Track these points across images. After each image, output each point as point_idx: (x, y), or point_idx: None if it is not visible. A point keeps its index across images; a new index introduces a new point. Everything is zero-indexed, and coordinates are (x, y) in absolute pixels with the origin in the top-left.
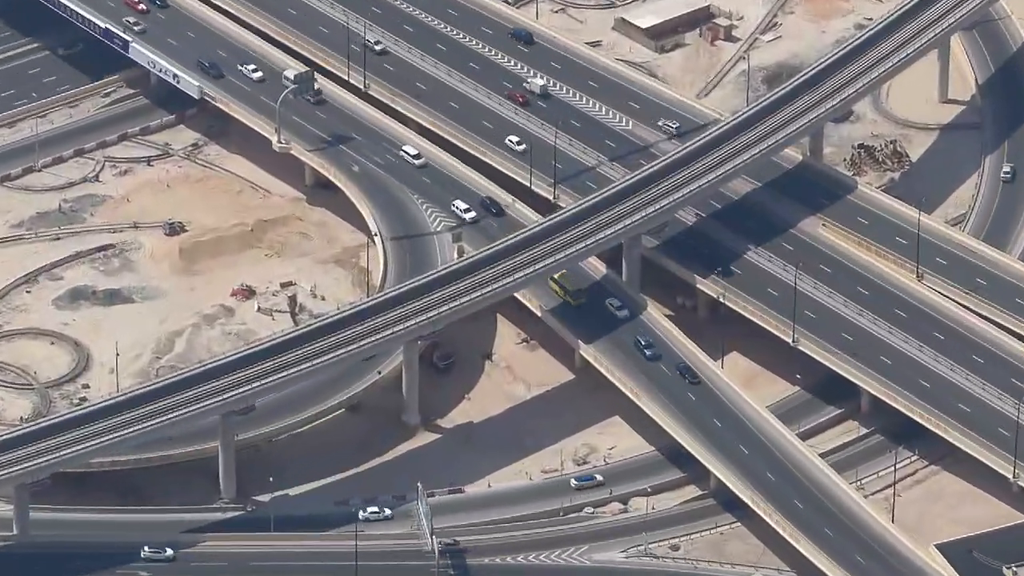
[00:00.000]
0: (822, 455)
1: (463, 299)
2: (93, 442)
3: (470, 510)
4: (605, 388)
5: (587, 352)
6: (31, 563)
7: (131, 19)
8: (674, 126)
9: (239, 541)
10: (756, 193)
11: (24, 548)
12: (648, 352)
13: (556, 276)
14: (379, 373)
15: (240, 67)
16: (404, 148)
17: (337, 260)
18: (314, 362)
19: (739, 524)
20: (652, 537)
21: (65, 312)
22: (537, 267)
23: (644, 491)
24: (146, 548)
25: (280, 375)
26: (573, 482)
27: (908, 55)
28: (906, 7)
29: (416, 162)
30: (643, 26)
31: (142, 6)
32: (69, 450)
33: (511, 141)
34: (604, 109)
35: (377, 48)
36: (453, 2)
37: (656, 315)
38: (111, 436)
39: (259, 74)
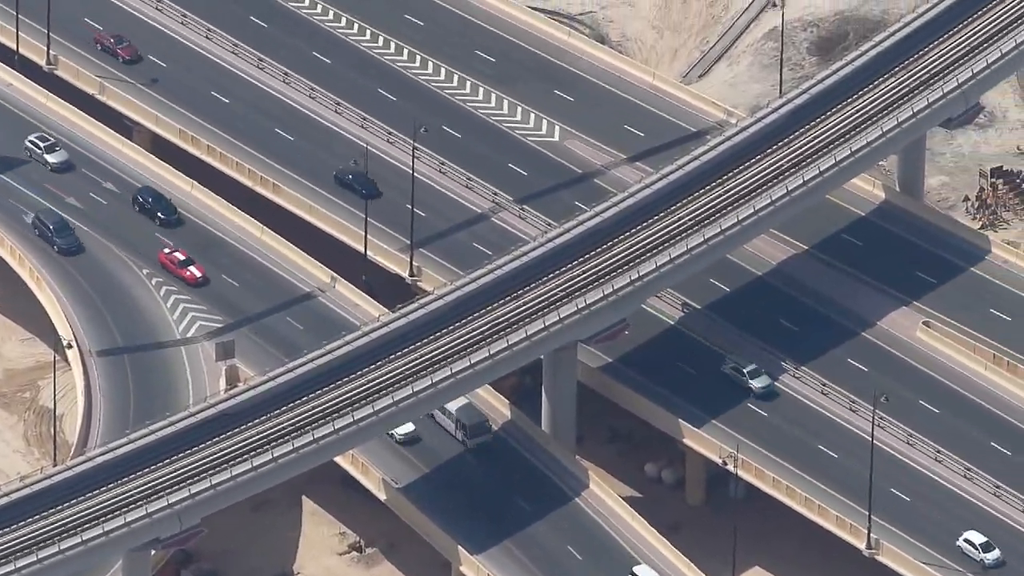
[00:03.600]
0: None
1: (239, 474)
2: None
3: None
4: None
5: (474, 568)
6: None
7: None
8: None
9: None
10: (798, 263)
11: None
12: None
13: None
14: None
15: None
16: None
17: None
18: None
19: None
20: None
21: None
22: (379, 409)
23: None
24: None
25: None
26: None
27: None
28: None
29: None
30: None
31: None
32: None
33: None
34: (509, 106)
35: None
36: None
37: (604, 497)
38: None
39: None
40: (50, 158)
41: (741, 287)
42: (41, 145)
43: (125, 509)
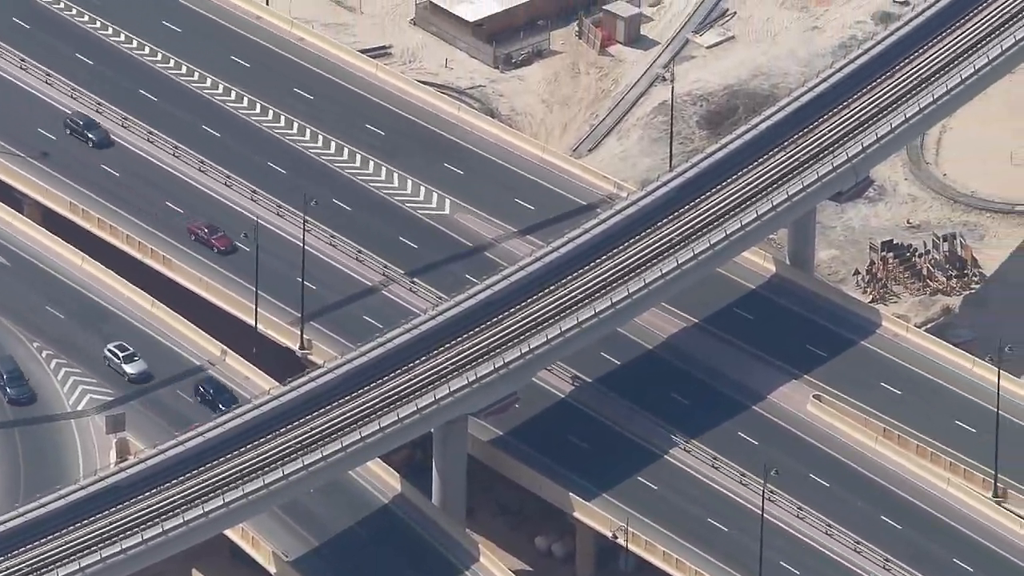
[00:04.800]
0: None
1: (129, 547)
2: None
3: None
4: None
5: None
6: None
7: None
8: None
9: None
10: (688, 337)
11: None
12: None
13: None
14: None
15: None
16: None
17: None
18: None
19: None
20: None
21: None
22: (270, 483)
23: None
24: None
25: None
26: None
27: (977, 74)
28: None
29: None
30: (470, 18)
31: None
32: None
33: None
34: (399, 179)
35: None
36: None
37: (494, 570)
38: None
39: None
40: None
41: (632, 360)
42: None
43: None
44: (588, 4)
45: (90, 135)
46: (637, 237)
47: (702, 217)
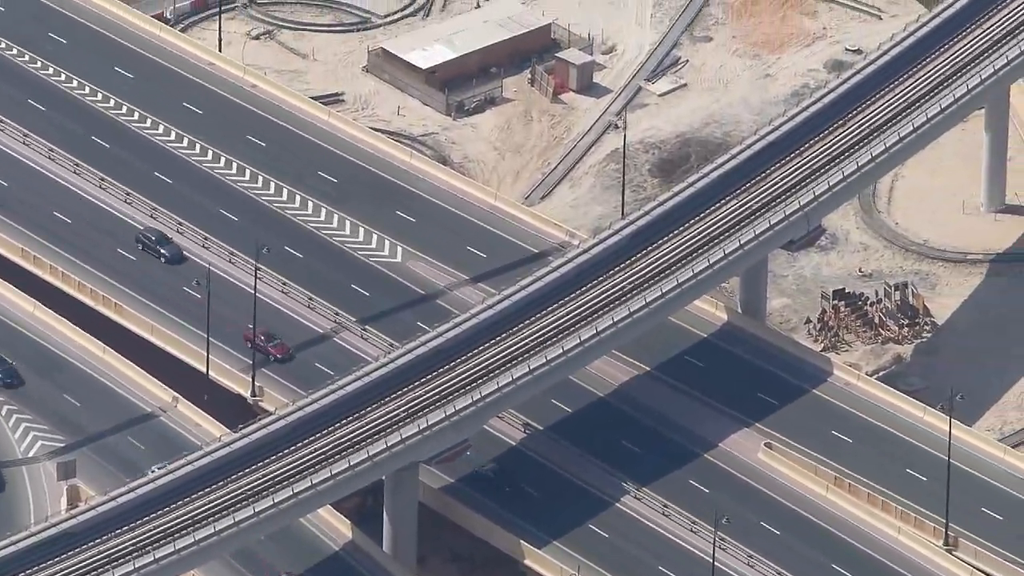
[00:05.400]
0: None
1: None
2: None
3: None
4: None
5: None
6: None
7: None
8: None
9: None
10: (640, 384)
11: None
12: None
13: None
14: None
15: None
16: None
17: None
18: None
19: None
20: None
21: None
22: (221, 530)
23: None
24: None
25: None
26: None
27: (929, 123)
28: (932, 25)
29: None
30: (423, 66)
31: None
32: None
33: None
34: (351, 226)
35: None
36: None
37: None
38: None
39: None
40: None
41: (583, 408)
42: None
43: None
44: (541, 51)
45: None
46: (589, 285)
47: (654, 265)
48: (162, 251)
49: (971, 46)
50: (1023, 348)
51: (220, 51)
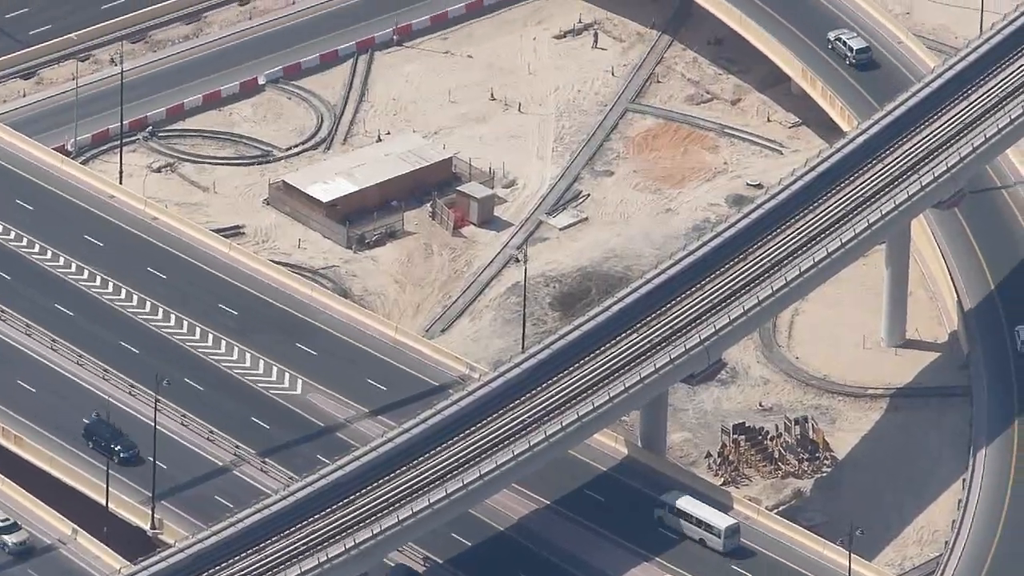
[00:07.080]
0: None
1: None
2: None
3: None
4: None
5: None
6: None
7: None
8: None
9: None
10: (540, 518)
11: None
12: None
13: None
14: None
15: None
16: None
17: None
18: None
19: None
20: None
21: None
22: None
23: None
24: None
25: None
26: None
27: (829, 258)
28: (832, 160)
29: None
30: (323, 199)
31: None
32: None
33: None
34: (251, 359)
35: None
36: None
37: None
38: None
39: None
40: None
41: (483, 541)
42: None
43: None
44: (442, 185)
45: None
46: (489, 418)
47: (554, 399)
48: None
49: (872, 181)
50: (922, 483)
51: (121, 183)
